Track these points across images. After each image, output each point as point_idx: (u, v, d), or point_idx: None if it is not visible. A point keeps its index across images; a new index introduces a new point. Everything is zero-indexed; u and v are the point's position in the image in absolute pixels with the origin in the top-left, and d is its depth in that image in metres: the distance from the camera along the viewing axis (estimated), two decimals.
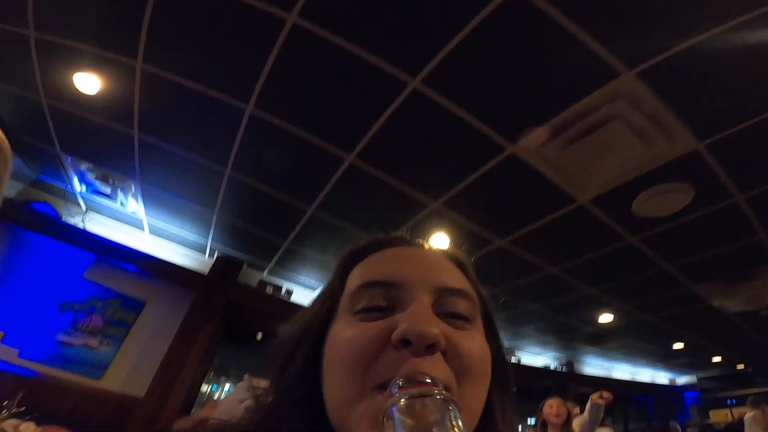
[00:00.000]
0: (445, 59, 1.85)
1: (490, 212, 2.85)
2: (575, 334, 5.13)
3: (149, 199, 3.45)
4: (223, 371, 4.91)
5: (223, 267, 3.98)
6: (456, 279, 0.42)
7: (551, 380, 6.10)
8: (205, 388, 4.67)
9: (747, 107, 1.89)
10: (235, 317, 4.18)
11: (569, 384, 6.08)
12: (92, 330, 3.45)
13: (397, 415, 0.25)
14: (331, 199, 2.89)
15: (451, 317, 0.38)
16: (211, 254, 4.10)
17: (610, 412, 7.08)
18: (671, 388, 7.40)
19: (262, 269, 4.25)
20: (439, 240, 3.11)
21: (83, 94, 2.41)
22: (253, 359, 5.06)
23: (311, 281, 4.32)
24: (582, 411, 3.36)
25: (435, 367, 0.33)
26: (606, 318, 4.44)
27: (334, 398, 0.35)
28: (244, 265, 4.11)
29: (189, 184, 3.11)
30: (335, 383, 0.35)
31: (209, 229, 3.69)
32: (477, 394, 0.36)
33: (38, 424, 2.30)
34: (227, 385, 5.03)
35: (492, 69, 1.89)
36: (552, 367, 6.26)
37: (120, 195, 3.39)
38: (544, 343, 5.61)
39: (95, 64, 2.21)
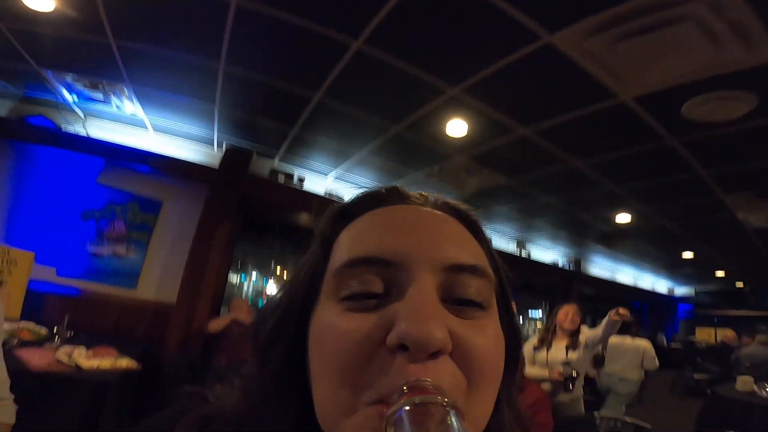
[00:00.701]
0: None
1: (516, 102, 2.70)
2: (588, 232, 5.20)
3: (145, 99, 3.27)
4: (245, 265, 5.30)
5: (233, 158, 3.94)
6: (468, 250, 0.34)
7: (557, 277, 6.38)
8: (234, 278, 5.13)
9: None
10: (251, 209, 4.30)
11: (574, 283, 6.38)
12: (117, 237, 3.59)
13: (397, 424, 0.23)
14: (338, 85, 2.70)
15: (461, 304, 0.31)
16: (220, 146, 4.02)
17: (604, 315, 7.63)
18: (668, 298, 7.69)
19: (273, 158, 4.21)
20: (456, 127, 3.01)
21: (39, 12, 2.22)
22: (272, 251, 5.43)
23: (324, 167, 4.31)
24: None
25: (440, 374, 0.27)
26: (623, 218, 4.41)
27: (322, 407, 0.31)
28: (254, 155, 4.06)
29: (183, 81, 2.90)
30: (323, 391, 0.30)
31: (213, 123, 3.56)
32: (487, 397, 0.31)
33: (87, 347, 2.36)
34: (254, 274, 5.50)
35: None
36: (560, 263, 6.48)
37: (114, 99, 3.21)
38: (555, 238, 5.73)
39: None
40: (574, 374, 2.54)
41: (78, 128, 3.53)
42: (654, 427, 2.58)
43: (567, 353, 2.62)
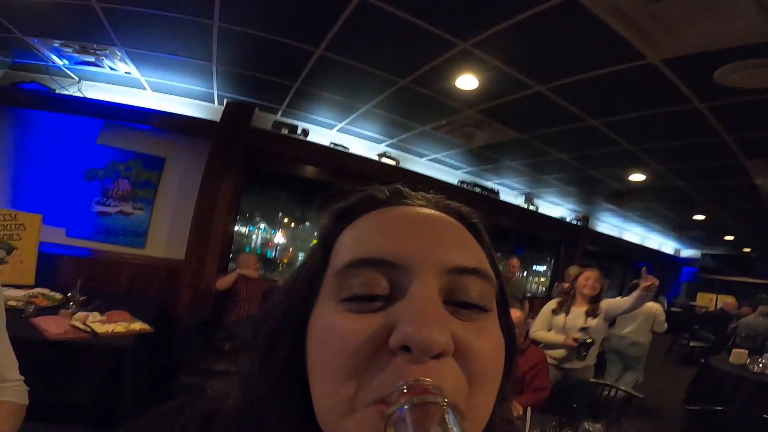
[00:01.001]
0: None
1: (533, 58, 2.52)
2: (599, 189, 5.09)
3: (138, 60, 3.10)
4: (252, 216, 5.33)
5: (235, 112, 3.82)
6: (470, 253, 0.34)
7: (563, 232, 6.29)
8: (243, 230, 5.21)
9: None
10: (255, 162, 4.26)
11: (580, 239, 6.29)
12: (123, 195, 3.59)
13: (397, 424, 0.23)
14: (340, 39, 2.54)
15: (463, 307, 0.31)
16: (221, 102, 3.90)
17: (608, 274, 7.52)
18: (673, 259, 7.53)
19: (275, 111, 4.09)
20: (467, 81, 2.87)
21: None
22: (279, 202, 5.45)
23: (328, 120, 4.18)
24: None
25: (443, 375, 0.27)
26: (637, 177, 4.27)
27: (322, 407, 0.31)
28: (256, 109, 3.94)
29: (176, 41, 2.73)
30: (323, 391, 0.30)
31: (212, 80, 3.41)
32: (488, 399, 0.32)
33: (101, 312, 2.37)
34: (262, 226, 5.56)
35: None
36: (568, 218, 6.38)
37: (106, 61, 3.04)
38: (564, 194, 5.62)
39: None
40: (589, 341, 2.51)
41: (73, 91, 3.40)
42: (646, 394, 2.59)
43: (586, 320, 2.57)
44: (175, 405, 0.39)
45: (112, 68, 3.20)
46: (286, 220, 5.72)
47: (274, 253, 5.53)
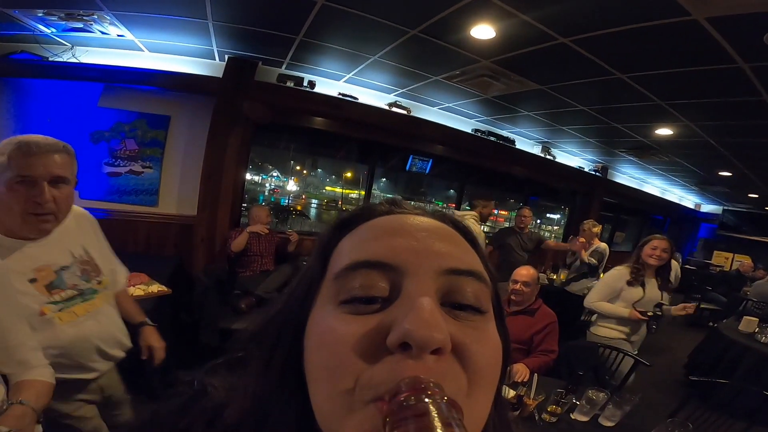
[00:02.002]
0: None
1: (560, 9, 2.26)
2: (621, 142, 4.80)
3: (130, 23, 2.90)
4: (263, 166, 5.28)
5: (237, 67, 3.65)
6: (466, 257, 0.35)
7: (580, 182, 6.04)
8: (256, 178, 5.19)
9: None
10: (261, 115, 4.14)
11: (597, 189, 6.04)
12: (130, 155, 3.56)
13: (396, 421, 0.24)
14: None
15: (460, 309, 0.32)
16: (222, 58, 3.70)
17: (624, 227, 7.08)
18: (693, 213, 7.09)
19: (280, 65, 3.88)
20: (483, 31, 2.62)
21: None
22: (288, 151, 5.37)
23: (334, 71, 3.97)
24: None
25: (442, 373, 0.28)
26: (664, 131, 3.99)
27: (321, 407, 0.31)
28: (260, 64, 3.76)
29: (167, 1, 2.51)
30: (322, 391, 0.31)
31: (210, 37, 3.20)
32: (487, 399, 0.32)
33: None
34: (274, 174, 5.53)
35: None
36: (586, 169, 6.11)
37: (96, 26, 2.84)
38: (584, 145, 5.34)
39: None
40: (659, 313, 2.43)
41: (67, 58, 3.23)
42: (653, 357, 2.56)
43: (662, 294, 2.47)
44: (177, 404, 0.39)
45: (103, 32, 3.02)
46: (297, 167, 5.69)
47: (287, 201, 5.57)
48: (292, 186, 5.68)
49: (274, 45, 3.32)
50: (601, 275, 3.97)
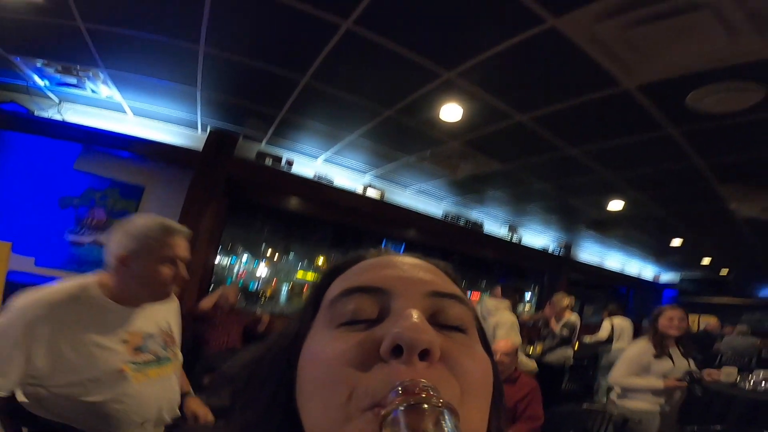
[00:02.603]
0: None
1: (515, 87, 2.61)
2: (580, 217, 5.21)
3: (122, 83, 3.10)
4: (234, 248, 5.16)
5: (218, 140, 3.78)
6: (449, 284, 0.39)
7: (547, 262, 6.40)
8: (225, 261, 5.02)
9: None
10: (238, 192, 4.17)
11: (564, 268, 6.41)
12: (98, 225, 3.45)
13: (393, 424, 0.23)
14: (326, 68, 2.59)
15: (447, 329, 0.34)
16: (204, 129, 3.86)
17: (592, 301, 7.60)
18: (653, 285, 7.71)
19: (260, 140, 4.07)
20: (451, 111, 2.95)
21: None
22: (262, 234, 5.33)
23: (313, 150, 4.18)
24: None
25: (435, 379, 0.28)
26: (616, 205, 4.40)
27: (317, 423, 0.31)
28: (240, 138, 3.92)
29: (161, 64, 2.74)
30: (317, 406, 0.31)
31: (196, 106, 3.39)
32: (481, 408, 0.32)
33: None
34: (245, 257, 5.38)
35: None
36: (551, 248, 6.50)
37: (89, 83, 3.03)
38: (547, 223, 5.73)
39: None
40: (697, 376, 2.47)
41: (52, 113, 3.34)
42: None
43: (689, 362, 2.51)
44: None
45: (93, 91, 3.17)
46: (269, 251, 5.57)
47: (256, 285, 5.34)
48: (262, 269, 5.48)
49: (257, 119, 3.54)
50: (576, 344, 4.24)
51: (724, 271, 6.62)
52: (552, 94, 2.61)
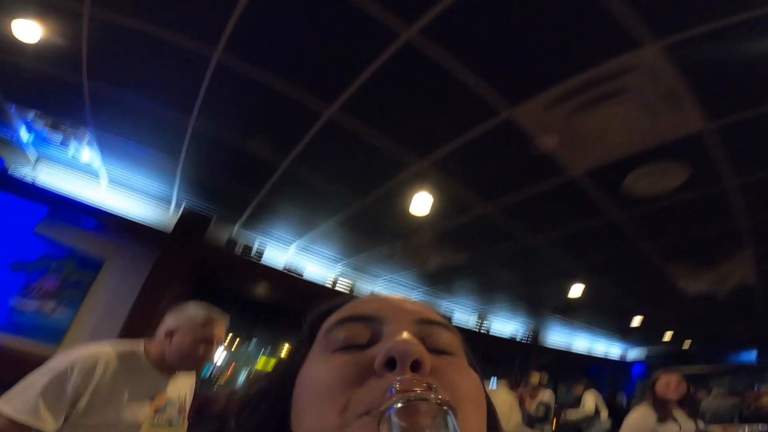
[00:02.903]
0: (445, 10, 1.66)
1: (478, 177, 2.80)
2: (545, 304, 5.30)
3: (106, 147, 3.15)
4: None
5: (190, 222, 3.74)
6: (437, 315, 0.41)
7: (517, 348, 6.37)
8: None
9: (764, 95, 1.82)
10: (204, 277, 4.01)
11: (533, 353, 6.40)
12: (46, 293, 3.22)
13: (391, 421, 0.23)
14: (306, 154, 2.74)
15: (436, 353, 0.35)
16: (178, 206, 3.82)
17: (564, 380, 7.50)
18: (621, 363, 7.90)
19: (233, 223, 4.03)
20: (421, 202, 3.04)
21: (23, 42, 2.20)
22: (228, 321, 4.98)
23: (286, 237, 4.16)
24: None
25: (432, 383, 0.28)
26: (576, 290, 4.56)
27: None
28: (213, 220, 3.88)
29: (150, 132, 2.84)
30: (312, 419, 0.32)
31: (174, 180, 3.41)
32: (476, 421, 0.33)
33: None
34: None
35: (498, 23, 1.70)
36: (519, 334, 6.50)
37: (73, 143, 3.08)
38: (514, 310, 5.77)
39: (36, 9, 1.98)
40: None
41: (26, 171, 3.30)
42: None
43: (696, 423, 2.40)
44: None
45: (75, 151, 3.18)
46: (237, 341, 5.16)
47: (211, 371, 4.80)
48: (218, 355, 4.99)
49: (233, 201, 3.57)
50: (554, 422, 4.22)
51: (686, 344, 6.78)
52: (511, 184, 2.79)
